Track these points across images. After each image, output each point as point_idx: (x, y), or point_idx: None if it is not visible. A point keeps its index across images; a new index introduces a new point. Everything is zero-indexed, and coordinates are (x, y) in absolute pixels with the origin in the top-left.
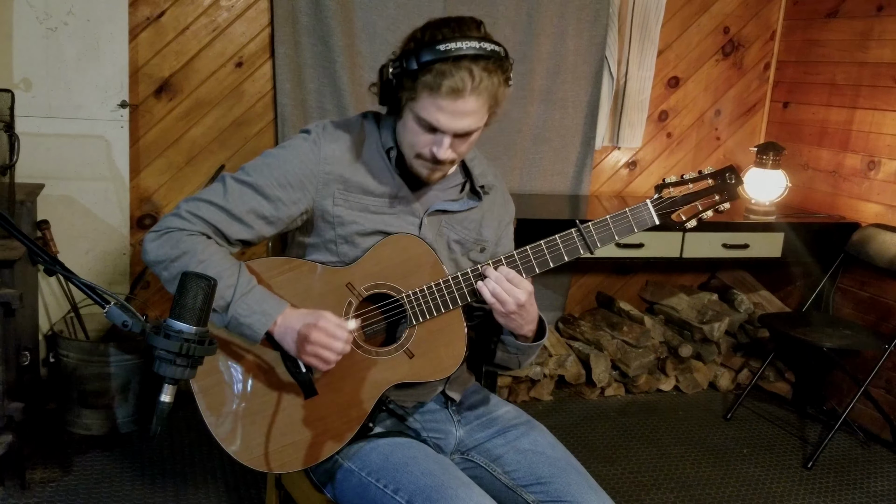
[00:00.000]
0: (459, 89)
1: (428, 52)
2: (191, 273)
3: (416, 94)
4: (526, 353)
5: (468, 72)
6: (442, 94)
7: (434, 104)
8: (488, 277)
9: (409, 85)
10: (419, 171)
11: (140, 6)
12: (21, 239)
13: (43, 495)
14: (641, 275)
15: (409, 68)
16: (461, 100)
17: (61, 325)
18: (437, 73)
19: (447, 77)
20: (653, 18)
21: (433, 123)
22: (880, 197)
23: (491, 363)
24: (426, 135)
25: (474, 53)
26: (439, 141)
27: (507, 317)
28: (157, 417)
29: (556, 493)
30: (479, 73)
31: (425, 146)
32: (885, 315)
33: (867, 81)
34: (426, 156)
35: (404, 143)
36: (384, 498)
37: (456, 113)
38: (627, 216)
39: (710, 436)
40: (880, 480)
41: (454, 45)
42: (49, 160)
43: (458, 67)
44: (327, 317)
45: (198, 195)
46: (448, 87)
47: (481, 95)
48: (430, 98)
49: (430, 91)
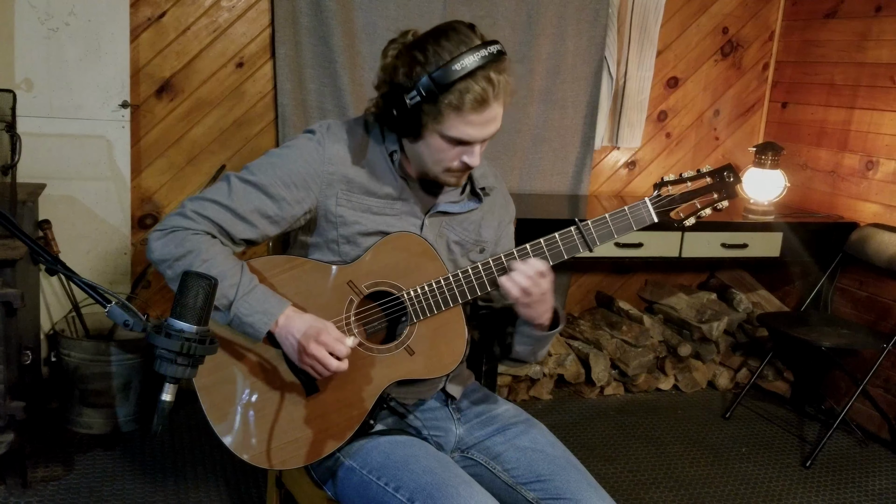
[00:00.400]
0: (485, 100)
1: (444, 73)
2: (192, 272)
3: (441, 115)
4: (542, 343)
5: (486, 80)
6: (468, 109)
7: (462, 121)
8: (516, 270)
9: (429, 109)
10: (447, 180)
11: (141, 7)
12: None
13: (44, 494)
14: (640, 274)
15: (428, 93)
16: (487, 109)
17: (63, 324)
18: (460, 92)
19: (470, 92)
20: (652, 19)
21: (464, 139)
22: (878, 197)
23: (508, 357)
24: (455, 149)
25: (487, 61)
26: (470, 151)
27: (530, 307)
28: (159, 416)
29: (556, 491)
30: (496, 78)
31: (454, 159)
32: (884, 314)
33: (865, 82)
34: (456, 168)
35: (429, 161)
36: (385, 496)
37: (484, 122)
38: (626, 214)
39: (708, 434)
40: (878, 479)
41: (468, 59)
42: (50, 160)
43: (478, 79)
44: (329, 330)
45: (203, 194)
46: (473, 102)
47: (501, 98)
48: (457, 116)
49: (455, 110)
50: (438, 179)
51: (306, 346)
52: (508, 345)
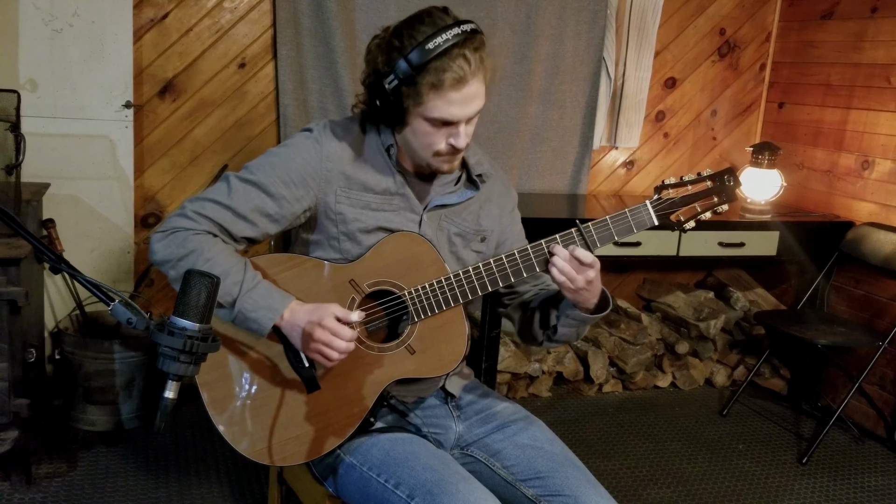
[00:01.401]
0: (462, 77)
1: (418, 53)
2: (194, 271)
3: (422, 97)
4: (587, 324)
5: (462, 58)
6: (447, 87)
7: (442, 100)
8: (557, 255)
9: (409, 92)
10: (439, 167)
11: (144, 8)
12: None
13: (48, 490)
14: (639, 273)
15: (406, 75)
16: (466, 86)
17: (67, 322)
18: (436, 71)
19: (448, 70)
20: (650, 20)
21: (447, 118)
22: (874, 196)
23: (552, 340)
24: (440, 131)
25: (461, 39)
26: (455, 132)
27: (577, 293)
28: (161, 413)
29: (555, 488)
30: (471, 55)
31: (441, 142)
32: (879, 312)
33: (861, 82)
34: (444, 151)
35: (418, 148)
36: (385, 492)
37: (465, 100)
38: (627, 217)
39: (706, 431)
40: (874, 476)
41: (441, 38)
42: (54, 160)
43: (453, 57)
44: (333, 311)
45: (203, 195)
46: (451, 80)
47: (480, 74)
48: (437, 96)
49: (434, 90)
50: (431, 167)
51: (312, 333)
52: (554, 327)
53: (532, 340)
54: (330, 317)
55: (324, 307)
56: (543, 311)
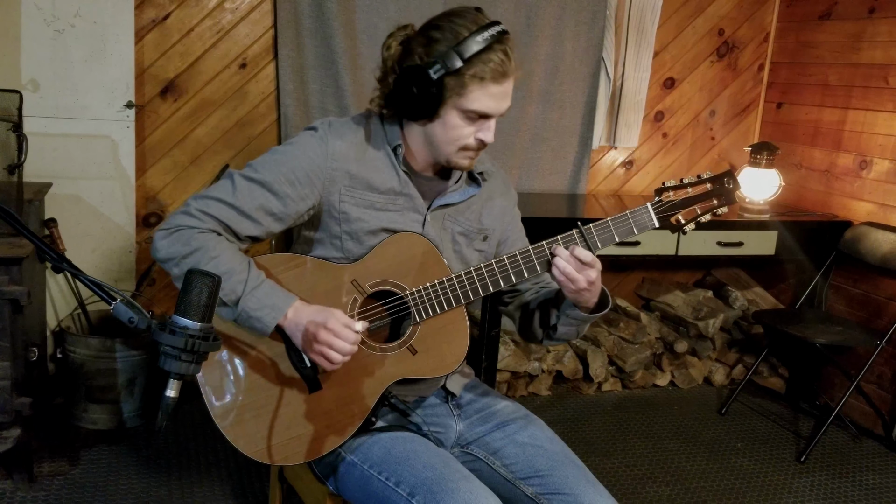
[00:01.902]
0: (505, 71)
1: (469, 44)
2: (196, 270)
3: (465, 88)
4: (587, 323)
5: (504, 53)
6: (489, 80)
7: (484, 92)
8: (558, 256)
9: (452, 83)
10: (460, 162)
11: (146, 8)
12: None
13: (50, 488)
14: (638, 272)
15: (452, 65)
16: (507, 81)
17: (68, 321)
18: (483, 63)
19: (492, 62)
20: (649, 21)
21: (485, 111)
22: (872, 196)
23: (552, 339)
24: (470, 126)
25: (502, 37)
26: (486, 126)
27: (578, 293)
28: (163, 412)
29: (555, 486)
30: (510, 52)
31: (470, 136)
32: (877, 311)
33: (859, 82)
34: (472, 146)
35: (443, 141)
36: (386, 491)
37: (504, 95)
38: (628, 218)
39: (704, 430)
40: (872, 474)
41: (486, 33)
42: (56, 160)
43: (496, 52)
44: (337, 316)
45: (207, 192)
46: (495, 72)
47: (517, 71)
48: (480, 87)
49: (479, 81)
50: (451, 162)
51: (316, 334)
52: (554, 325)
53: (532, 338)
54: (334, 319)
55: (328, 310)
56: (543, 311)
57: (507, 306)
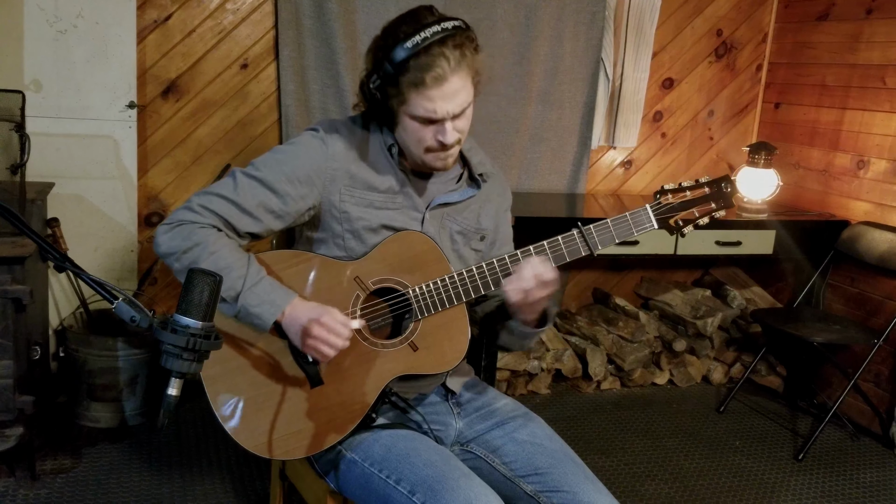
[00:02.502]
0: (441, 75)
1: (397, 52)
2: (197, 269)
3: (404, 95)
4: (529, 338)
5: (441, 55)
6: (427, 85)
7: (424, 97)
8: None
9: (393, 91)
10: (433, 164)
11: (147, 9)
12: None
13: (53, 486)
14: (637, 271)
15: (387, 74)
16: (446, 83)
17: (71, 320)
18: (415, 69)
19: (425, 68)
20: (647, 21)
21: (430, 116)
22: (869, 195)
23: (494, 344)
24: (427, 128)
25: (440, 37)
26: (441, 129)
27: (522, 309)
28: (164, 410)
29: (554, 484)
30: (450, 53)
31: (431, 138)
32: (874, 310)
33: (857, 83)
34: (435, 147)
35: (410, 144)
36: (386, 488)
37: (446, 97)
38: (627, 220)
39: (703, 428)
40: (869, 472)
41: (419, 36)
42: (59, 159)
43: (431, 55)
44: (332, 313)
45: (209, 189)
46: (430, 77)
47: (461, 71)
48: (418, 94)
49: (415, 87)
50: (426, 164)
51: (310, 329)
52: (496, 332)
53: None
54: (329, 314)
55: (324, 307)
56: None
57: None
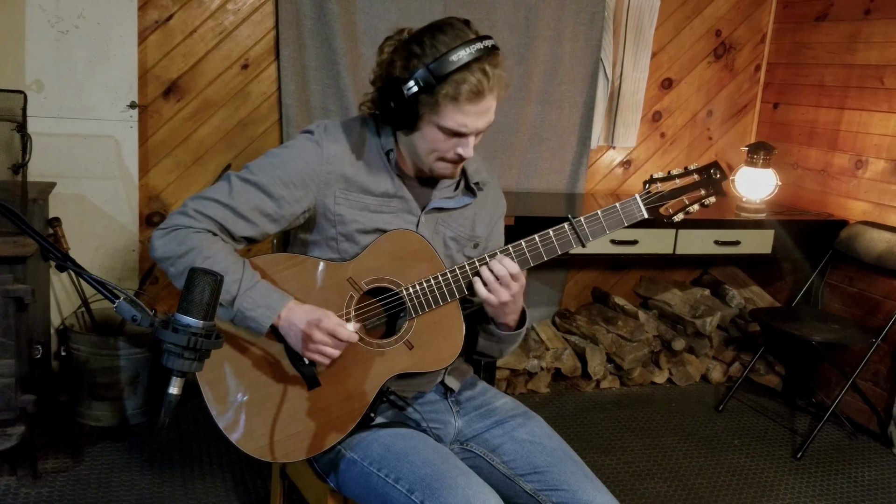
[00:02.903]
0: (480, 91)
1: (440, 64)
2: (198, 269)
3: (438, 106)
4: (507, 342)
5: (482, 72)
6: (464, 100)
7: (458, 111)
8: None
9: (427, 99)
10: (443, 172)
11: (149, 10)
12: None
13: (54, 484)
14: (636, 271)
15: (426, 84)
16: (483, 100)
17: (72, 319)
18: (457, 83)
19: (466, 83)
20: (647, 22)
21: (459, 130)
22: (867, 195)
23: (473, 350)
24: (449, 140)
25: (483, 54)
26: (465, 142)
27: (497, 307)
28: (166, 409)
29: (553, 482)
30: (490, 71)
31: (449, 150)
32: (873, 310)
33: (855, 83)
34: (450, 158)
35: (423, 152)
36: (385, 487)
37: (479, 114)
38: (617, 210)
39: (702, 427)
40: (868, 470)
41: (464, 51)
42: (60, 159)
43: (473, 71)
44: (330, 317)
45: (203, 193)
46: (469, 93)
47: (496, 90)
48: (454, 106)
49: (452, 101)
50: (433, 172)
51: (311, 334)
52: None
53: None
54: (328, 319)
55: (320, 309)
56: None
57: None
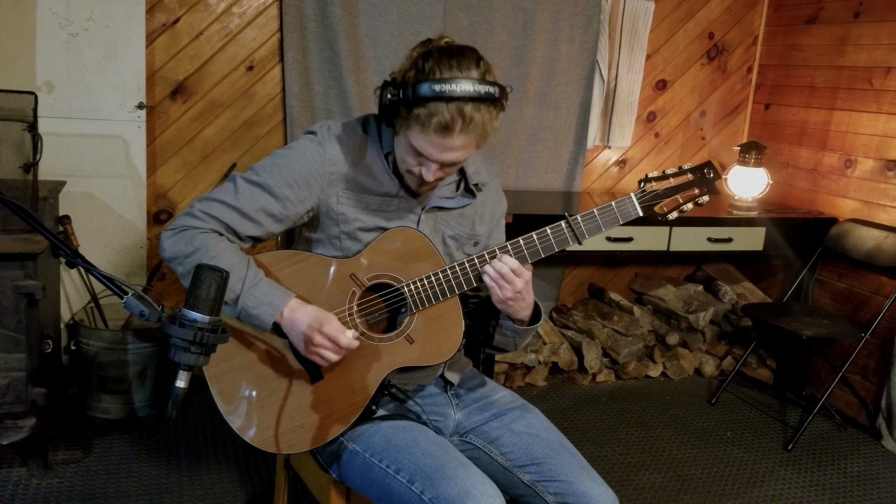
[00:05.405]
0: (449, 128)
1: (425, 87)
2: (204, 265)
3: (408, 123)
4: (522, 336)
5: (459, 112)
6: (430, 130)
7: (423, 137)
8: (490, 266)
9: (403, 113)
10: (409, 182)
11: (156, 13)
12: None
13: (64, 475)
14: (631, 267)
15: (406, 98)
16: (449, 137)
17: (82, 314)
18: (430, 111)
19: (438, 115)
20: (641, 24)
21: (421, 152)
22: (857, 193)
23: (490, 346)
24: (416, 157)
25: (469, 96)
26: (427, 166)
27: (505, 303)
28: (173, 402)
29: (550, 473)
30: (470, 113)
31: (414, 166)
32: (862, 305)
33: (844, 84)
34: (415, 174)
35: (398, 157)
36: (386, 478)
37: (444, 147)
38: (613, 209)
39: (695, 419)
40: (856, 461)
41: (450, 86)
42: (70, 159)
43: (451, 107)
44: (332, 321)
45: (210, 195)
46: (437, 125)
47: (470, 134)
48: (420, 131)
49: (421, 125)
50: (404, 177)
51: (312, 337)
52: (490, 334)
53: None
54: (330, 324)
55: (323, 313)
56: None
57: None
